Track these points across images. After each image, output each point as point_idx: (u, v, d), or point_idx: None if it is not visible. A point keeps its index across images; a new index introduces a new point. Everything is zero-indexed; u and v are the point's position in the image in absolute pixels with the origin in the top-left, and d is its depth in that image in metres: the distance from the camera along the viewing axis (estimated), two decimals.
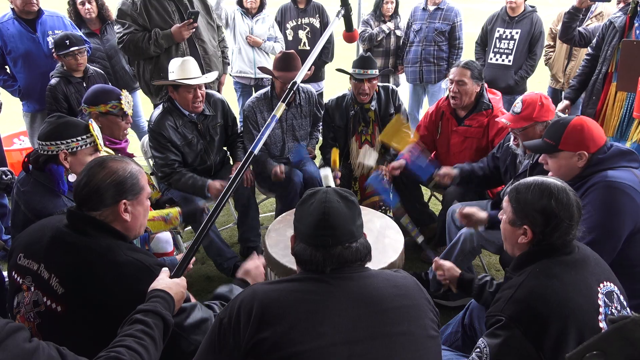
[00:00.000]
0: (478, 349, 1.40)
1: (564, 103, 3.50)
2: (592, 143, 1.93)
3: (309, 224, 1.29)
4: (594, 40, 3.32)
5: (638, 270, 1.86)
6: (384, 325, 1.20)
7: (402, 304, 1.25)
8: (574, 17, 3.58)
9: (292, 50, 3.24)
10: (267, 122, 1.76)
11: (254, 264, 1.84)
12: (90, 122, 2.07)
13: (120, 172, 1.51)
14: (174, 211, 2.32)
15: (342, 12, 2.33)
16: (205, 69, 3.47)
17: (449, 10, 4.46)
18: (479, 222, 2.35)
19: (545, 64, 4.52)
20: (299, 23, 4.50)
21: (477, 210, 2.36)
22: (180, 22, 3.34)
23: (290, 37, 4.54)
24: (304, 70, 1.95)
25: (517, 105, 2.40)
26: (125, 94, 2.58)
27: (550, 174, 2.03)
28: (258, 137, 1.72)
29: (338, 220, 1.27)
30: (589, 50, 3.36)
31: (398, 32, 4.73)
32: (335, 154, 3.14)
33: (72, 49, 3.20)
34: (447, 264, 2.03)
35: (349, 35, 2.47)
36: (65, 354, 1.08)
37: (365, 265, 1.34)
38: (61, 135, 1.97)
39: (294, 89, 1.88)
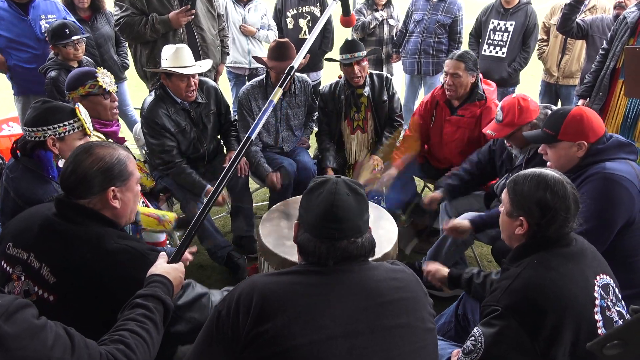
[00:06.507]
0: (473, 338, 1.41)
1: (580, 102, 3.48)
2: (592, 133, 1.94)
3: (316, 215, 1.25)
4: (608, 35, 3.30)
5: (631, 260, 1.88)
6: (384, 318, 1.19)
7: (402, 297, 1.24)
8: (574, 8, 3.57)
9: (286, 39, 3.20)
10: (264, 107, 1.73)
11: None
12: (77, 106, 2.03)
13: (108, 158, 1.48)
14: (171, 216, 2.28)
15: None
16: (202, 57, 3.42)
17: (452, 3, 4.41)
18: (464, 231, 2.37)
19: (539, 58, 4.52)
20: (300, 11, 4.45)
21: (460, 220, 2.39)
22: (180, 8, 3.30)
23: (290, 26, 4.48)
24: (300, 55, 1.92)
25: (498, 113, 2.40)
26: (102, 70, 2.49)
27: (548, 164, 2.04)
28: (255, 122, 1.69)
29: (346, 213, 1.23)
30: (604, 44, 3.34)
31: (391, 21, 4.70)
32: None
33: (73, 38, 3.17)
34: (432, 267, 2.05)
35: (346, 19, 2.45)
36: (72, 334, 1.08)
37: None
38: (47, 121, 1.93)
39: (292, 73, 1.85)
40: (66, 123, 1.96)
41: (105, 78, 2.47)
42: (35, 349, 0.98)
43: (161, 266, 1.39)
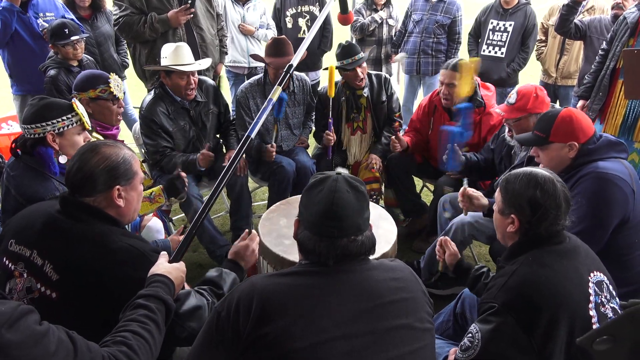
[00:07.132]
0: (470, 334, 1.42)
1: (580, 103, 3.50)
2: (582, 133, 1.96)
3: (316, 212, 1.24)
4: (607, 36, 3.31)
5: (625, 259, 1.90)
6: (384, 319, 1.19)
7: (402, 297, 1.24)
8: (572, 9, 3.59)
9: (283, 36, 3.21)
10: (263, 106, 1.74)
11: (245, 244, 1.75)
12: (73, 100, 2.04)
13: (113, 157, 1.49)
14: (157, 189, 2.30)
15: None
16: (201, 57, 3.43)
17: (451, 4, 4.41)
18: (479, 207, 2.32)
19: (537, 59, 4.53)
20: (299, 11, 4.45)
21: (482, 196, 2.33)
22: (179, 7, 3.30)
23: (289, 25, 4.48)
24: (299, 54, 1.92)
25: (512, 96, 2.41)
26: (114, 77, 2.53)
27: (541, 165, 2.06)
28: (254, 120, 1.71)
29: (346, 211, 1.22)
30: (603, 45, 3.35)
31: (391, 22, 4.70)
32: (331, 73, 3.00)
33: (72, 38, 3.18)
34: (453, 248, 2.01)
35: (344, 17, 2.44)
36: (74, 338, 1.08)
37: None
38: (45, 117, 1.94)
39: (291, 72, 1.86)
40: (64, 118, 1.97)
41: (116, 84, 2.50)
42: (38, 356, 0.99)
43: (162, 266, 1.39)
